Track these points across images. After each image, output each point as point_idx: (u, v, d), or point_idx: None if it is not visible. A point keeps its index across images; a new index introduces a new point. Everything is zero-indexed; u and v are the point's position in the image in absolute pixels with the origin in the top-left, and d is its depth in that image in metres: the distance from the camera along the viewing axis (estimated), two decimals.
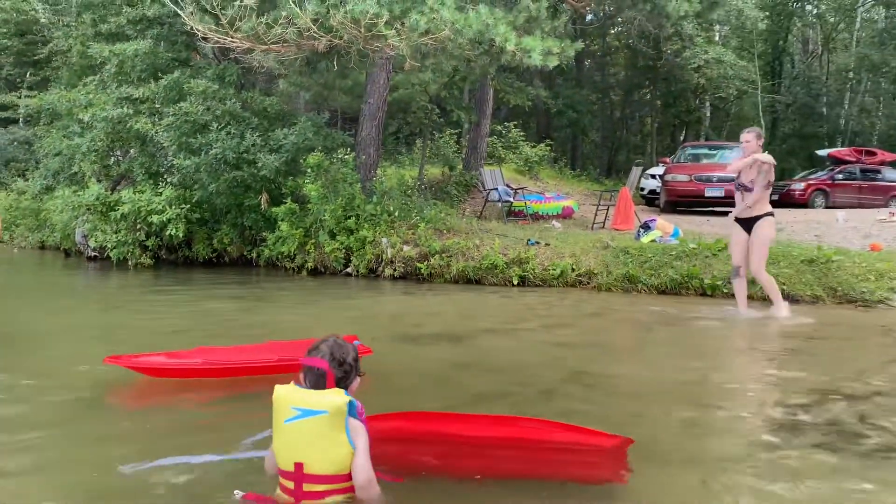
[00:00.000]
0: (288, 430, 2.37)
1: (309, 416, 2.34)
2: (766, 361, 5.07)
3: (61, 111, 13.47)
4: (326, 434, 2.34)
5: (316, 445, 2.35)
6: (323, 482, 2.36)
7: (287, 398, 2.38)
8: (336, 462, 2.36)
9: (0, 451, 3.07)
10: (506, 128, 20.26)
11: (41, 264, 13.02)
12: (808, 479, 2.77)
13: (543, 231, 10.67)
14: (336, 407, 2.34)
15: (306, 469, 2.35)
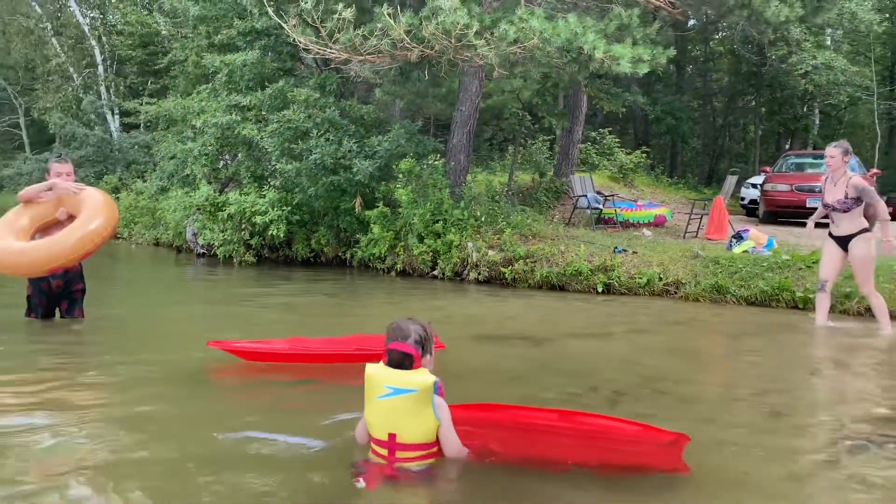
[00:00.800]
0: (381, 406, 2.73)
1: (400, 393, 2.70)
2: (852, 376, 4.93)
3: (177, 117, 14.48)
4: (416, 409, 2.71)
5: (407, 419, 2.72)
6: (413, 450, 2.75)
7: (380, 377, 2.75)
8: (424, 433, 2.75)
9: (121, 418, 3.53)
10: (601, 134, 20.09)
11: (155, 259, 14.00)
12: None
13: (632, 239, 10.59)
14: (424, 386, 2.71)
15: (398, 439, 2.73)
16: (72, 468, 2.87)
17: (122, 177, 21.21)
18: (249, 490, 2.71)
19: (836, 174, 6.13)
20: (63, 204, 5.63)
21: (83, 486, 2.72)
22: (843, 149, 6.11)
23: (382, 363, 2.80)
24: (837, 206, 6.07)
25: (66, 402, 3.84)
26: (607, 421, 3.05)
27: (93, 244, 5.49)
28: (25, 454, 3.02)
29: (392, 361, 2.78)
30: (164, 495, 2.68)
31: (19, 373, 4.39)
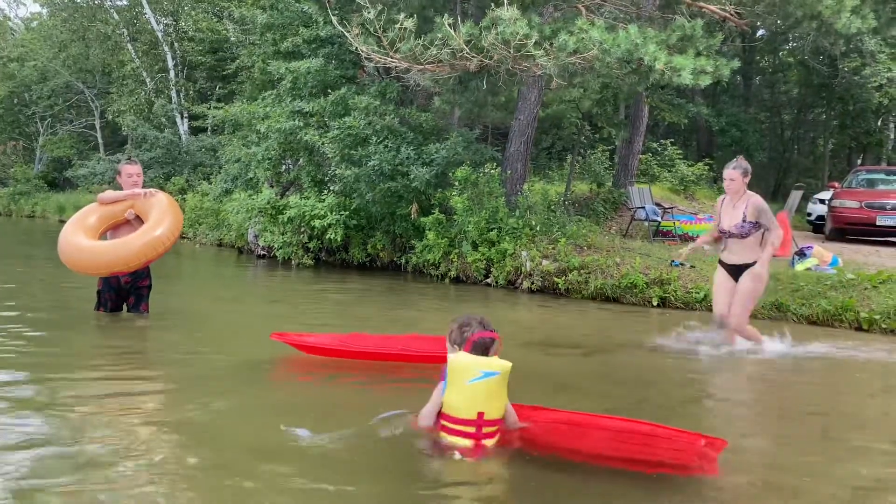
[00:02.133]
0: (471, 388, 3.08)
1: (489, 376, 3.07)
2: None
3: (242, 122, 14.91)
4: (499, 390, 3.12)
5: (493, 398, 3.11)
6: (495, 425, 3.14)
7: (468, 365, 3.10)
8: (502, 410, 3.16)
9: (187, 407, 3.74)
10: (662, 145, 19.79)
11: (218, 259, 14.44)
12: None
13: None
14: (506, 369, 3.13)
15: (486, 416, 3.10)
16: (138, 457, 3.01)
17: (189, 178, 21.92)
18: (316, 485, 2.81)
19: (736, 197, 5.66)
20: (133, 206, 5.90)
21: (149, 478, 2.85)
22: (742, 169, 5.59)
23: (464, 352, 3.16)
24: (735, 231, 5.62)
25: (130, 394, 4.03)
26: (645, 424, 3.17)
27: (155, 252, 5.74)
28: (86, 440, 3.19)
29: (478, 349, 3.15)
30: (227, 491, 2.79)
31: (86, 364, 4.62)
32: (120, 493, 2.65)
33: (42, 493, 2.62)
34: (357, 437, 3.28)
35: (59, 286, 8.51)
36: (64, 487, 2.67)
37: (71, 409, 3.64)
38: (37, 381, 4.13)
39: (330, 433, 3.30)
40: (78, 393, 3.96)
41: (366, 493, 2.77)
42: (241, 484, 2.81)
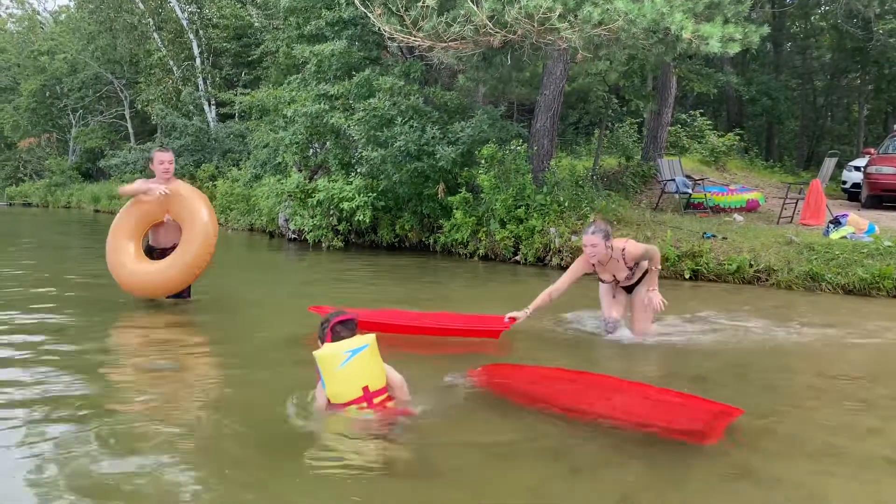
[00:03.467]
0: (345, 371, 3.19)
1: (357, 352, 3.21)
2: None
3: (269, 107, 15.00)
4: (372, 361, 3.27)
5: (370, 370, 3.25)
6: (383, 393, 3.29)
7: (332, 353, 3.21)
8: (383, 377, 3.31)
9: (231, 380, 3.77)
10: (691, 116, 19.45)
11: (250, 244, 14.62)
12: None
13: (722, 224, 10.28)
14: (371, 341, 3.28)
15: (371, 388, 3.24)
16: (182, 431, 3.10)
17: (219, 165, 22.15)
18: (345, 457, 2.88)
19: (605, 259, 5.03)
20: (169, 210, 6.01)
21: (190, 448, 2.94)
22: (602, 233, 4.92)
23: (327, 343, 3.27)
24: (626, 283, 5.19)
25: (175, 374, 4.13)
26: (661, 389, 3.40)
27: (194, 276, 6.03)
28: (132, 416, 3.29)
29: (337, 335, 3.27)
30: (273, 467, 2.87)
31: (130, 348, 4.75)
32: (163, 465, 2.74)
33: (89, 458, 2.72)
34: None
35: (95, 275, 8.73)
36: (107, 454, 2.77)
37: (115, 384, 3.76)
38: (83, 360, 4.26)
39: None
40: (121, 372, 4.07)
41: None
42: (279, 461, 2.88)
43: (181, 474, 2.72)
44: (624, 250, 4.98)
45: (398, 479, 2.74)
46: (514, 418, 3.41)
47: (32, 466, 2.73)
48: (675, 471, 2.80)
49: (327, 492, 2.61)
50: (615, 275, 5.13)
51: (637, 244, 5.07)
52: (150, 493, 2.54)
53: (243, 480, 2.68)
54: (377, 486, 2.64)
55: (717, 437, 2.95)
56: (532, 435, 3.22)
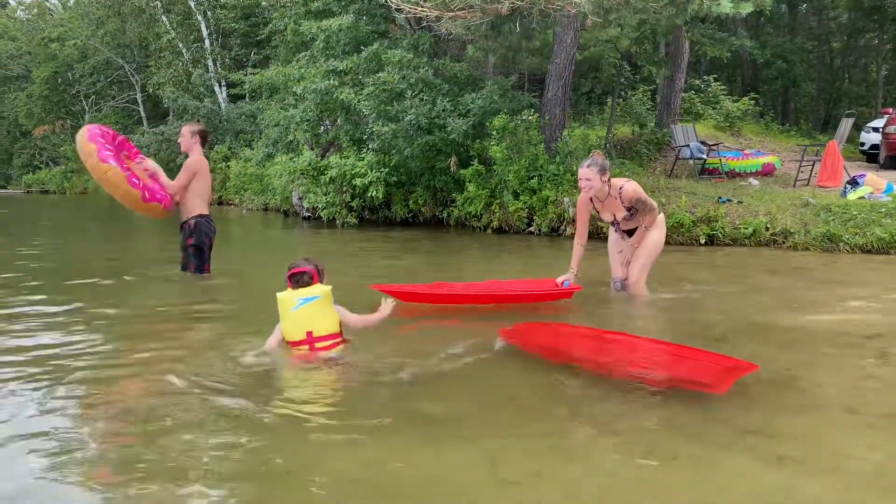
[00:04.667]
0: (295, 315, 3.65)
1: (308, 301, 3.65)
2: None
3: (278, 85, 14.98)
4: (324, 310, 3.68)
5: (319, 318, 3.66)
6: (327, 339, 3.68)
7: (288, 297, 3.68)
8: (332, 325, 3.71)
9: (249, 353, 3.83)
10: (705, 82, 19.18)
11: (265, 223, 14.71)
12: None
13: (738, 189, 10.19)
14: (325, 292, 3.69)
15: (315, 333, 3.66)
16: (211, 407, 3.15)
17: (231, 146, 22.21)
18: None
19: (602, 195, 5.05)
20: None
21: (223, 426, 2.99)
22: (598, 167, 4.93)
23: (289, 288, 3.71)
24: (624, 225, 5.24)
25: (206, 344, 4.19)
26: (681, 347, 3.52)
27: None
28: (153, 390, 3.35)
29: (295, 282, 3.71)
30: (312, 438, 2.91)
31: (140, 322, 4.81)
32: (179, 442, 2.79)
33: (109, 424, 2.78)
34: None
35: (112, 256, 8.83)
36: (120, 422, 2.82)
37: (121, 364, 3.82)
38: (100, 336, 4.33)
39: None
40: (140, 350, 4.13)
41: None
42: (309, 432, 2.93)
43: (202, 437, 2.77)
44: (622, 188, 4.99)
45: (414, 428, 2.78)
46: (540, 373, 3.55)
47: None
48: (692, 427, 2.81)
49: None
50: (615, 214, 5.15)
51: (637, 188, 5.04)
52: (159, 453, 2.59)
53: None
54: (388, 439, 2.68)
55: (726, 387, 3.01)
56: (556, 389, 3.35)
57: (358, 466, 2.49)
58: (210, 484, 2.35)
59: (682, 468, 2.46)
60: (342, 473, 2.44)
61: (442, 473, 2.47)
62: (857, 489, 2.25)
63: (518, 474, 2.43)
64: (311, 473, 2.45)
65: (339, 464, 2.52)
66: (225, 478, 2.41)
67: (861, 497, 2.21)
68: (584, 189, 4.99)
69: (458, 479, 2.41)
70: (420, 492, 2.33)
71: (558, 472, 2.44)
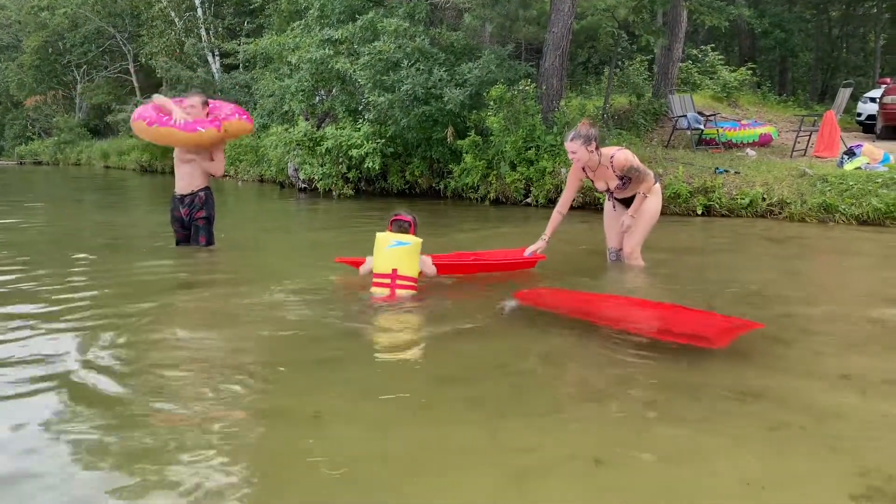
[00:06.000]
0: (389, 252, 4.36)
1: (402, 245, 4.37)
2: None
3: (273, 55, 14.81)
4: (410, 256, 4.39)
5: (405, 261, 4.36)
6: (407, 280, 4.37)
7: (385, 237, 4.40)
8: (414, 270, 4.41)
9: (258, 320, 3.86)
10: (703, 51, 19.04)
11: (260, 195, 14.65)
12: None
13: (735, 159, 10.19)
14: (416, 241, 4.42)
15: (399, 272, 4.36)
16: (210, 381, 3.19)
17: None
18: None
19: (592, 164, 5.00)
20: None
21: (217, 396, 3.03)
22: (582, 139, 4.85)
23: (388, 230, 4.46)
24: (618, 194, 5.17)
25: (202, 314, 4.21)
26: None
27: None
28: (156, 360, 3.38)
29: (396, 227, 4.47)
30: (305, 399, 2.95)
31: (141, 292, 4.82)
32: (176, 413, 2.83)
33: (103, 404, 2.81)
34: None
35: (112, 226, 8.81)
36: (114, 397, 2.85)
37: (131, 338, 3.84)
38: (99, 311, 4.34)
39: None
40: (134, 326, 4.15)
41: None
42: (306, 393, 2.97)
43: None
44: (613, 157, 4.92)
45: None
46: (553, 333, 3.75)
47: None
48: (692, 390, 2.87)
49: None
50: (608, 183, 5.09)
51: (629, 155, 4.97)
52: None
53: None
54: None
55: (726, 342, 3.19)
56: (561, 356, 3.48)
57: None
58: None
59: (684, 435, 2.51)
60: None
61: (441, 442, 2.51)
62: (842, 454, 2.31)
63: (518, 442, 2.48)
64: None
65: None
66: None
67: (845, 465, 2.26)
68: (571, 158, 4.98)
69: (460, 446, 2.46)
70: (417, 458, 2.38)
71: (556, 439, 2.49)
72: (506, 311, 4.15)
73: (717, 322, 3.48)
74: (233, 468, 2.29)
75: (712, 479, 2.17)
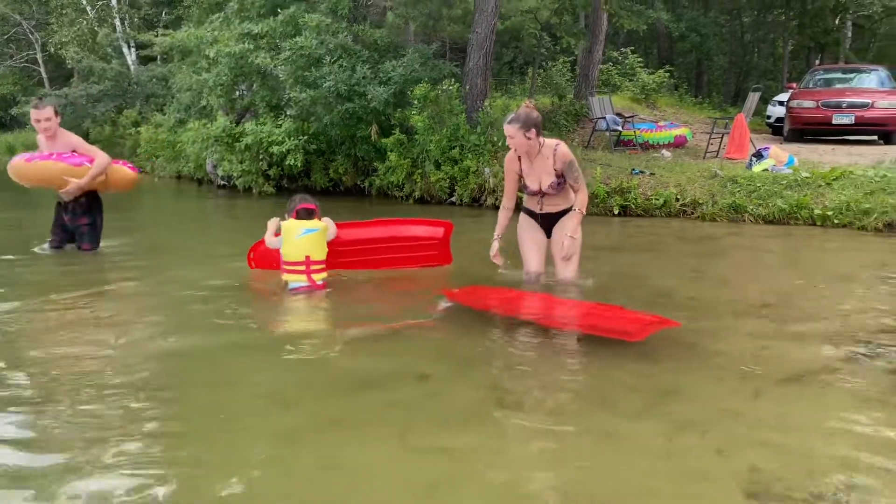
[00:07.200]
0: (300, 241, 4.56)
1: (312, 232, 4.60)
2: (864, 288, 4.93)
3: (191, 48, 14.35)
4: (320, 241, 4.65)
5: (316, 245, 4.62)
6: (320, 264, 4.64)
7: (294, 226, 4.59)
8: (324, 253, 4.67)
9: (162, 333, 3.69)
10: (623, 54, 19.54)
11: (178, 192, 14.19)
12: (858, 406, 2.82)
13: (651, 160, 10.47)
14: (323, 226, 4.70)
15: (312, 258, 4.59)
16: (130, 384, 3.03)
17: (142, 110, 21.23)
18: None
19: (532, 153, 4.49)
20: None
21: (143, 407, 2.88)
22: (520, 123, 4.34)
23: (292, 218, 4.61)
24: (552, 192, 4.54)
25: (98, 323, 4.01)
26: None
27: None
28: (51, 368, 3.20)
29: (301, 215, 4.63)
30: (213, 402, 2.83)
31: (45, 296, 4.57)
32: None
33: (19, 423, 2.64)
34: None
35: (16, 227, 8.35)
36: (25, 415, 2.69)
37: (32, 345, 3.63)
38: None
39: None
40: (34, 328, 3.93)
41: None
42: (226, 392, 2.86)
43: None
44: (557, 146, 4.45)
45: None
46: (475, 334, 3.79)
47: None
48: (602, 394, 2.92)
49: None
50: (542, 181, 4.52)
51: (570, 153, 4.51)
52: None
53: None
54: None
55: (644, 336, 3.38)
56: (478, 360, 3.48)
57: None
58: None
59: (589, 441, 2.54)
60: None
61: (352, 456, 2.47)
62: (735, 455, 2.38)
63: (428, 447, 2.45)
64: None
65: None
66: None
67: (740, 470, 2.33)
68: (511, 146, 4.48)
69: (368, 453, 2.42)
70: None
71: (467, 445, 2.48)
72: (438, 310, 4.18)
73: (638, 318, 3.65)
74: (119, 486, 2.17)
75: (613, 483, 2.20)
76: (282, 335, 3.96)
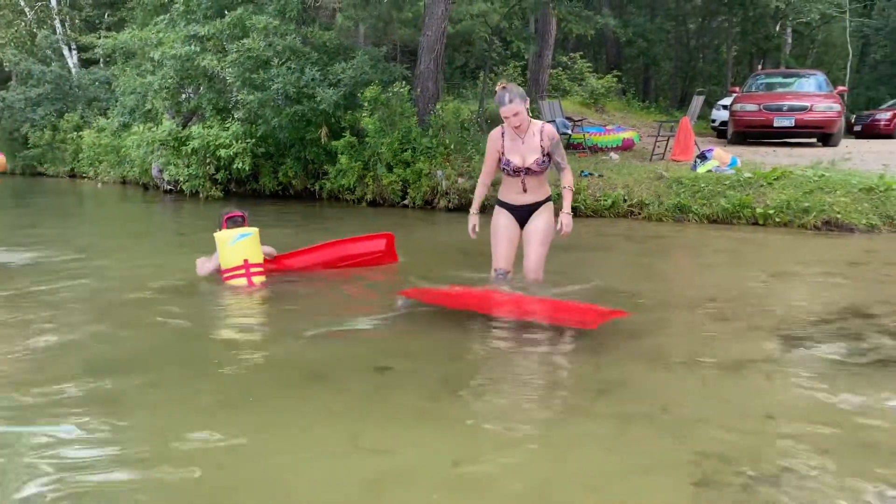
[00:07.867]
0: (236, 247, 4.73)
1: (246, 236, 4.77)
2: (803, 285, 5.08)
3: (134, 50, 14.01)
4: (255, 242, 4.84)
5: (251, 248, 4.80)
6: (258, 266, 4.83)
7: (227, 235, 4.74)
8: (260, 256, 4.87)
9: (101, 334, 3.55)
10: (572, 59, 19.79)
11: (122, 197, 13.82)
12: (801, 390, 2.89)
13: (599, 163, 10.61)
14: (255, 230, 4.85)
15: (250, 261, 4.78)
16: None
17: (84, 114, 20.65)
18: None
19: (522, 129, 4.25)
20: None
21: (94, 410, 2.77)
22: (520, 95, 4.18)
23: (223, 229, 4.80)
24: (536, 168, 4.27)
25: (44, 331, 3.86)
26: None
27: None
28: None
29: (231, 224, 4.85)
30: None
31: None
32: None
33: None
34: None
35: None
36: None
37: None
38: None
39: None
40: None
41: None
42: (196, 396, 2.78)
43: None
44: (543, 126, 4.31)
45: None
46: (430, 329, 3.87)
47: None
48: (552, 387, 2.94)
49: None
50: (526, 158, 4.27)
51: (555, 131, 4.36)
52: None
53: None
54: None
55: (596, 325, 3.57)
56: (430, 355, 3.48)
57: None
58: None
59: (539, 434, 2.54)
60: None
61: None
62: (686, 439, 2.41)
63: (379, 444, 2.42)
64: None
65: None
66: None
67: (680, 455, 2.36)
68: (513, 125, 4.21)
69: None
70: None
71: (416, 439, 2.45)
72: (398, 308, 4.27)
73: (591, 309, 3.82)
74: (57, 491, 2.08)
75: (564, 475, 2.21)
76: (226, 334, 3.90)
